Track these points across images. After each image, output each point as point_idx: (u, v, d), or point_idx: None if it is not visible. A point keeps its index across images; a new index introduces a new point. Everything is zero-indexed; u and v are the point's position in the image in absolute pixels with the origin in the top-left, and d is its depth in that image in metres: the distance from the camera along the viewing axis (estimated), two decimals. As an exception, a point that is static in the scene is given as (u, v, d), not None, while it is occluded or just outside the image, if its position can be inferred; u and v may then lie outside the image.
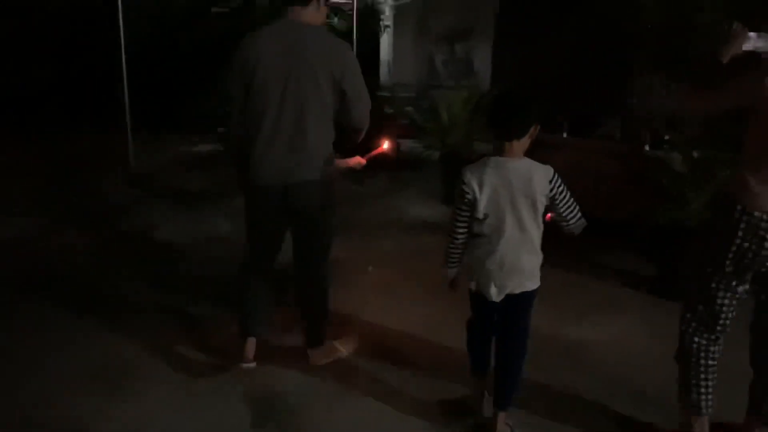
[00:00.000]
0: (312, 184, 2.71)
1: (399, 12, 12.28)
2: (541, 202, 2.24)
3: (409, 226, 5.68)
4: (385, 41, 12.53)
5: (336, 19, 10.90)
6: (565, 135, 5.15)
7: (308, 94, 2.61)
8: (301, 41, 2.60)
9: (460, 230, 2.34)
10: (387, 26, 12.00)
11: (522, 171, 2.21)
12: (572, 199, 2.30)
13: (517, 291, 2.33)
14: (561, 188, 2.25)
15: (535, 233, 2.29)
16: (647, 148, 4.57)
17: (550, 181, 2.23)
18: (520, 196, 2.21)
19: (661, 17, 4.82)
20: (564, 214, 2.30)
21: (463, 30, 12.64)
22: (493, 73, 11.65)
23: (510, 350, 2.45)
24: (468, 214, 2.29)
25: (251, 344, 3.03)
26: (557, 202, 2.27)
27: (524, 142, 2.26)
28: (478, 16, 12.17)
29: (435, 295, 3.63)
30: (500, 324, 2.47)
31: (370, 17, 10.98)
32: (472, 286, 2.39)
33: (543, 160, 2.29)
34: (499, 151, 2.25)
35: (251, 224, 2.91)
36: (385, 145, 3.21)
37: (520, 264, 2.28)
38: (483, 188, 2.21)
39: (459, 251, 2.40)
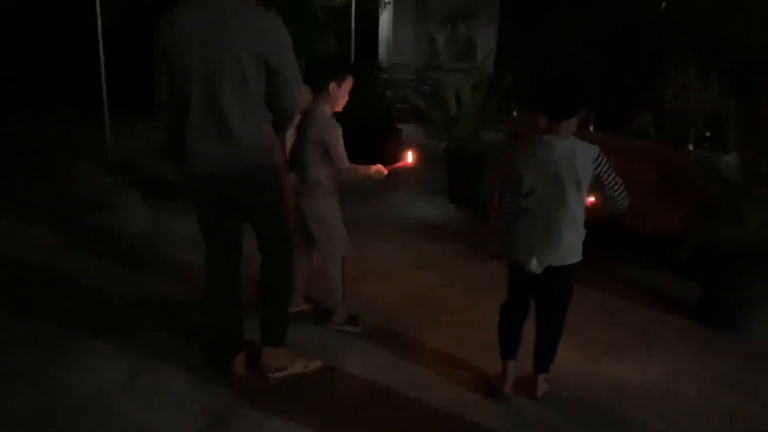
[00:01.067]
0: (247, 175, 2.52)
1: (400, -10, 11.61)
2: (585, 181, 2.34)
3: (414, 229, 5.13)
4: (385, 19, 11.90)
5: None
6: (591, 129, 4.58)
7: (231, 77, 2.39)
8: (222, 18, 2.37)
9: (508, 202, 2.45)
10: (387, 3, 11.34)
11: (568, 149, 2.32)
12: (618, 177, 2.38)
13: (558, 263, 2.43)
14: (606, 167, 2.35)
15: (578, 210, 2.39)
16: (691, 148, 4.00)
17: (595, 160, 2.33)
18: (565, 173, 2.31)
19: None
20: (609, 192, 2.39)
21: (466, 10, 12.06)
22: (497, 55, 11.12)
23: (550, 323, 2.62)
24: (515, 188, 2.40)
25: (239, 361, 2.82)
26: (603, 180, 2.36)
27: (572, 123, 2.35)
28: (482, -1, 11.58)
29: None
30: (540, 299, 2.60)
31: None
32: (515, 261, 2.50)
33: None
34: (548, 131, 2.34)
35: (200, 219, 2.68)
36: (410, 157, 3.06)
37: (562, 238, 2.38)
38: (528, 165, 2.34)
39: (505, 224, 2.49)
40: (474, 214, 5.50)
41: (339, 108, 3.00)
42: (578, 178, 2.32)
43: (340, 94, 2.96)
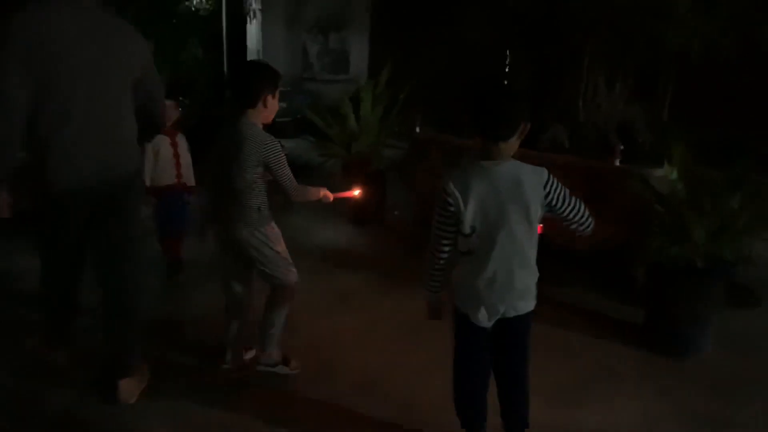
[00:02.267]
0: (130, 177, 2.58)
1: (269, -3, 10.95)
2: (536, 210, 1.95)
3: (320, 257, 4.56)
4: (254, 28, 11.17)
5: (195, 1, 9.40)
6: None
7: (115, 86, 2.45)
8: (102, 27, 2.40)
9: (445, 247, 2.07)
10: (255, 11, 10.62)
11: (511, 176, 1.94)
12: (573, 198, 2.00)
13: (511, 314, 2.05)
14: (558, 190, 1.97)
15: (529, 246, 2.02)
16: (617, 162, 3.82)
17: (545, 185, 1.95)
18: (510, 204, 1.94)
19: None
20: (570, 217, 2.02)
21: (337, 19, 11.70)
22: (370, 66, 10.88)
23: (513, 381, 2.15)
24: (453, 228, 2.02)
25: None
26: (558, 206, 1.98)
27: (513, 144, 1.95)
28: (352, 5, 11.28)
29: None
30: (495, 354, 2.14)
31: (237, 1, 9.58)
32: (459, 309, 2.11)
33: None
34: (485, 155, 1.95)
35: (48, 241, 2.61)
36: (356, 192, 2.99)
37: (512, 282, 2.01)
38: (468, 198, 1.95)
39: (443, 271, 2.13)
40: (380, 236, 5.05)
41: (269, 122, 2.64)
42: (527, 208, 1.94)
43: (274, 107, 2.61)
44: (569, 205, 1.99)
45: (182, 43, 8.03)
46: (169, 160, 3.93)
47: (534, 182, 1.94)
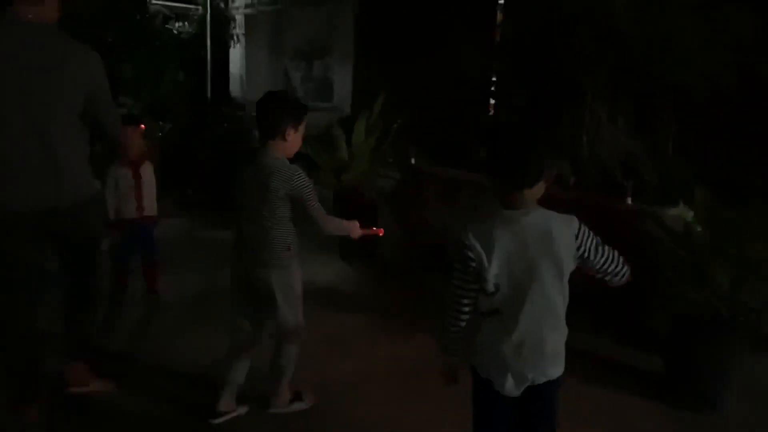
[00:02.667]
0: (75, 206, 2.52)
1: (252, 22, 10.78)
2: (568, 265, 1.76)
3: (308, 296, 4.21)
4: (237, 53, 10.97)
5: (177, 25, 9.20)
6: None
7: (55, 108, 2.39)
8: (43, 47, 2.36)
9: (465, 307, 1.84)
10: (239, 35, 10.44)
11: (540, 227, 1.74)
12: (606, 247, 1.81)
13: (541, 381, 1.83)
14: (591, 240, 1.78)
15: (561, 304, 1.80)
16: (629, 200, 3.63)
17: (577, 236, 1.76)
18: (540, 259, 1.73)
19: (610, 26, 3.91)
20: (605, 269, 1.82)
21: (321, 46, 11.58)
22: (354, 94, 10.74)
23: None
24: (474, 286, 1.80)
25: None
26: (590, 258, 1.78)
27: (538, 190, 1.76)
28: (336, 32, 11.18)
29: None
30: (519, 425, 1.91)
31: (219, 25, 9.38)
32: (480, 373, 1.88)
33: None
34: (508, 203, 1.76)
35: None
36: (381, 232, 2.81)
37: (543, 347, 1.80)
38: (492, 253, 1.73)
39: (462, 333, 1.89)
40: (372, 273, 4.78)
41: (290, 155, 2.53)
42: (559, 263, 1.74)
43: (297, 140, 2.51)
44: (602, 255, 1.80)
45: (163, 67, 7.81)
46: (130, 192, 3.85)
47: (565, 233, 1.75)
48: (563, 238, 1.74)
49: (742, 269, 2.81)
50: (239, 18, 10.47)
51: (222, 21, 9.85)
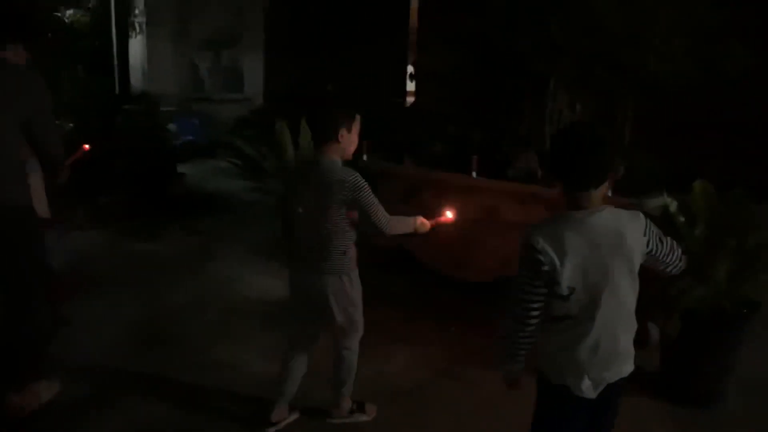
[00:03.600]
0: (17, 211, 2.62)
1: (154, 10, 9.91)
2: (638, 262, 1.77)
3: (259, 315, 3.88)
4: (138, 43, 10.05)
5: (69, 13, 8.24)
6: (474, 175, 3.89)
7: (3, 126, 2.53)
8: None
9: (534, 312, 1.78)
10: (140, 24, 9.56)
11: (611, 226, 1.73)
12: (667, 238, 1.84)
13: (615, 379, 1.83)
14: (656, 234, 1.80)
15: (632, 302, 1.80)
16: (610, 194, 3.51)
17: (645, 232, 1.76)
18: (613, 259, 1.72)
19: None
20: (667, 261, 1.84)
21: (229, 34, 10.91)
22: (266, 84, 10.24)
23: None
24: (544, 290, 1.74)
25: None
26: (657, 252, 1.80)
27: (603, 189, 1.75)
28: (245, 20, 10.58)
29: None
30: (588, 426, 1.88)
31: (117, 13, 8.52)
32: (552, 380, 1.83)
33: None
34: (576, 205, 1.74)
35: None
36: (449, 214, 2.62)
37: (618, 347, 1.79)
38: (565, 255, 1.69)
39: (531, 340, 1.83)
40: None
41: (349, 156, 2.47)
42: (631, 261, 1.73)
43: (352, 141, 2.45)
44: (666, 246, 1.82)
45: (57, 62, 6.94)
46: None
47: (635, 231, 1.75)
48: (633, 237, 1.73)
49: (741, 261, 2.76)
50: (140, 5, 9.59)
51: (120, 9, 8.96)
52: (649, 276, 2.40)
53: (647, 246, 1.76)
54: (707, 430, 2.78)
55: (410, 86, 7.58)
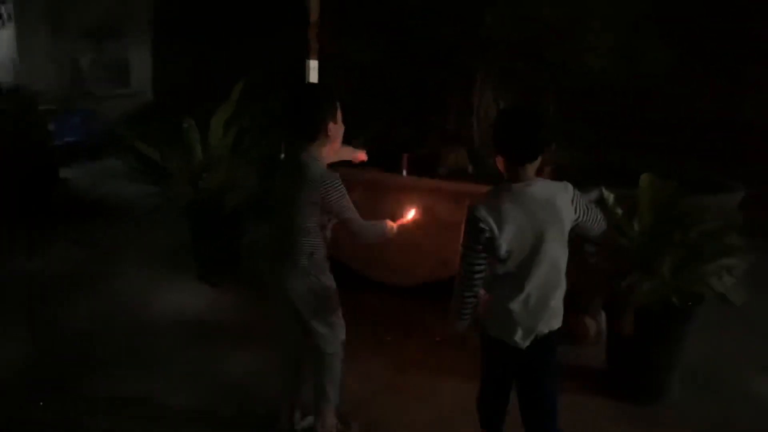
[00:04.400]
0: None
1: (24, -2, 8.88)
2: (568, 227, 2.00)
3: (173, 333, 3.47)
4: (6, 34, 8.96)
5: None
6: (405, 173, 3.67)
7: None
8: None
9: (477, 274, 1.99)
10: (7, 14, 8.53)
11: (544, 196, 1.95)
12: (593, 205, 2.08)
13: (545, 331, 2.04)
14: (581, 200, 2.02)
15: (563, 264, 2.02)
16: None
17: (572, 200, 1.99)
18: (546, 225, 1.94)
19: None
20: (590, 226, 2.07)
21: (113, 24, 10.04)
22: (155, 78, 9.48)
23: (541, 406, 2.11)
24: (485, 254, 1.97)
25: None
26: (582, 218, 2.03)
27: (537, 163, 1.97)
28: (129, 7, 9.76)
29: None
30: (523, 379, 2.12)
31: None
32: (492, 334, 2.07)
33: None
34: (514, 178, 1.96)
35: None
36: (411, 213, 2.56)
37: (548, 302, 2.01)
38: (504, 223, 1.92)
39: (474, 299, 2.05)
40: (244, 296, 4.04)
41: (338, 148, 2.40)
42: (562, 227, 1.97)
43: (339, 130, 2.32)
44: (591, 215, 2.04)
45: None
46: None
47: (565, 199, 1.96)
48: (564, 204, 1.95)
49: (686, 254, 2.74)
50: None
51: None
52: (583, 270, 2.39)
53: (575, 213, 1.98)
54: (658, 425, 2.74)
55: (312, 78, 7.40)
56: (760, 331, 3.55)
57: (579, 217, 1.99)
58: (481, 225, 1.90)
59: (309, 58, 7.29)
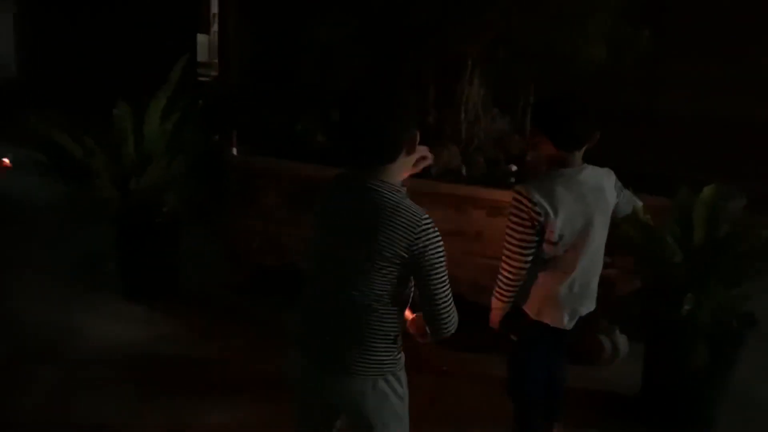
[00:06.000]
0: None
1: None
2: (611, 212, 2.08)
3: (103, 367, 2.75)
4: None
5: None
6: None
7: None
8: None
9: (528, 257, 1.96)
10: None
11: (594, 182, 2.00)
12: (625, 190, 2.16)
13: (585, 313, 2.11)
14: (619, 185, 2.12)
15: (603, 248, 2.09)
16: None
17: (615, 185, 2.08)
18: (595, 210, 1.99)
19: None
20: (624, 212, 2.19)
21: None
22: (18, 55, 8.04)
23: (561, 369, 2.34)
24: (536, 238, 1.94)
25: None
26: (620, 203, 2.13)
27: (583, 150, 2.02)
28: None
29: None
30: (555, 357, 2.27)
31: None
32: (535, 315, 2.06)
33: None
34: (563, 163, 1.98)
35: None
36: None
37: (590, 285, 2.09)
38: (559, 208, 1.92)
39: (520, 282, 2.02)
40: (186, 317, 3.32)
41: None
42: (607, 212, 2.05)
43: (409, 164, 1.57)
44: (623, 192, 2.13)
45: None
46: None
47: (609, 185, 2.04)
48: (609, 190, 2.03)
49: (740, 271, 2.45)
50: None
51: None
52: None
53: (617, 197, 2.07)
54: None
55: (202, 56, 6.41)
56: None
57: (619, 202, 2.09)
58: (537, 209, 1.90)
59: (199, 32, 6.54)
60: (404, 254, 1.42)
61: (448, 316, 1.50)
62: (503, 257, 1.99)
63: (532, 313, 2.07)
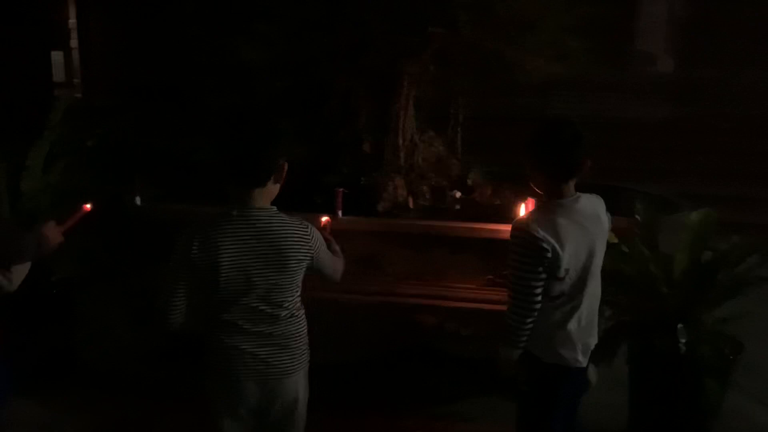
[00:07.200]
0: None
1: None
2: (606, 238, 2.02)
3: None
4: None
5: None
6: (340, 215, 2.73)
7: None
8: None
9: (539, 297, 1.88)
10: None
11: (590, 210, 1.94)
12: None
13: (593, 345, 2.01)
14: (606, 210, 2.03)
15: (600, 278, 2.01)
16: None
17: (605, 210, 2.01)
18: (596, 238, 1.93)
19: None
20: None
21: None
22: None
23: (575, 415, 2.09)
24: (545, 275, 1.86)
25: None
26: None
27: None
28: None
29: None
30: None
31: None
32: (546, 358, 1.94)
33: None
34: (559, 194, 1.91)
35: None
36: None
37: (595, 315, 2.00)
38: (564, 241, 1.83)
39: (532, 324, 1.90)
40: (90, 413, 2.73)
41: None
42: (605, 237, 1.99)
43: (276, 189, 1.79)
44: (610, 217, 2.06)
45: None
46: None
47: (603, 210, 1.98)
48: (603, 215, 1.97)
49: (726, 297, 2.37)
50: None
51: None
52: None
53: (609, 222, 2.00)
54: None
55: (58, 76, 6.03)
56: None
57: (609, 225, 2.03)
58: (544, 245, 1.80)
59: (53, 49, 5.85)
60: (307, 259, 1.73)
61: (339, 273, 1.94)
62: (511, 300, 1.89)
63: (543, 356, 1.93)
